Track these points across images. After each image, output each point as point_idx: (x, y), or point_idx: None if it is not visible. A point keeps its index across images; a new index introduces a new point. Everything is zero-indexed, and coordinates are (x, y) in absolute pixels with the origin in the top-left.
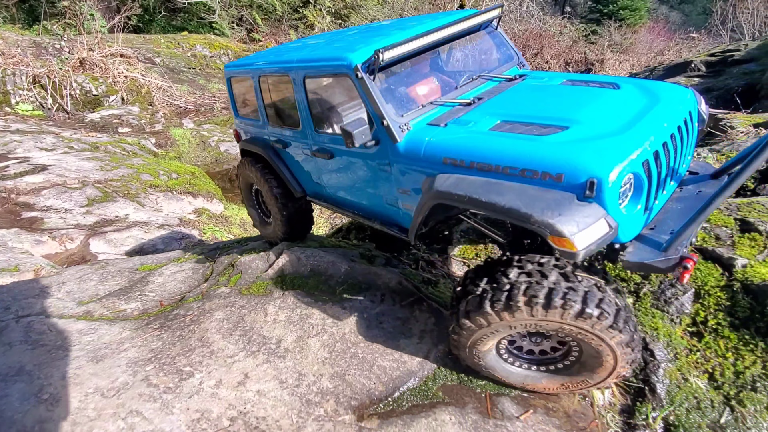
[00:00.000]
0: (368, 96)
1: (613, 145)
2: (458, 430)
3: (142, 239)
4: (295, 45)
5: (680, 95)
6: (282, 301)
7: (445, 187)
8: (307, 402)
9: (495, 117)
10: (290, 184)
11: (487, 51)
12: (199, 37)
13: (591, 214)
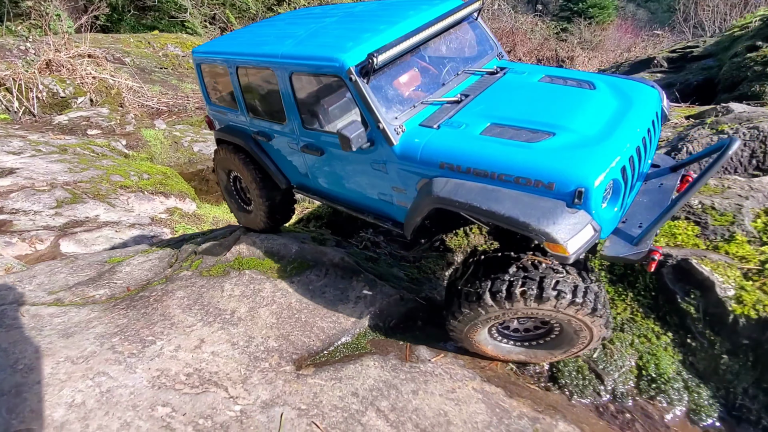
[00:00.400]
0: (363, 99)
1: (596, 154)
2: (380, 371)
3: (113, 238)
4: (272, 29)
5: (649, 96)
6: (238, 279)
7: (444, 193)
8: (254, 358)
9: (485, 119)
10: (274, 175)
11: (467, 41)
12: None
13: (580, 221)
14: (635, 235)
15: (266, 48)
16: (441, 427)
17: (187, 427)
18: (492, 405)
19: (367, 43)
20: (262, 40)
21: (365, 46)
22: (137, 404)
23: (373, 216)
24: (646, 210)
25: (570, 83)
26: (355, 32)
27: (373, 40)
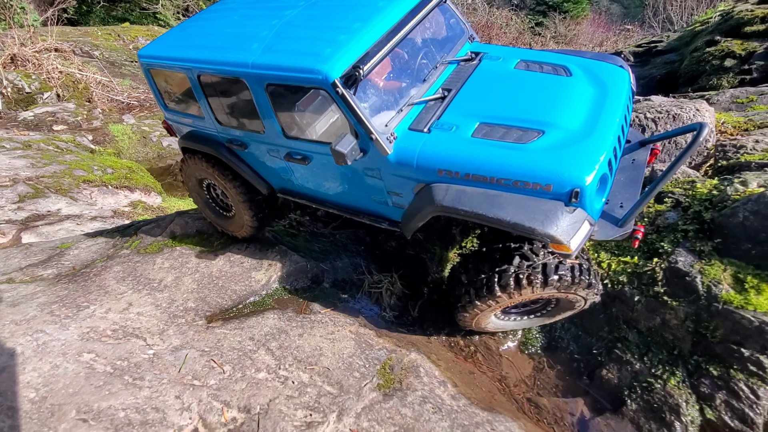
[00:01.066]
0: (353, 112)
1: (585, 153)
2: (276, 321)
3: (74, 231)
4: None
5: (620, 79)
6: (169, 254)
7: (448, 202)
8: (173, 316)
9: (473, 118)
10: (255, 182)
11: (438, 25)
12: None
13: (578, 219)
14: (618, 215)
15: (232, 55)
16: (314, 357)
17: (107, 366)
18: (360, 342)
19: (345, 49)
20: (220, 42)
21: (345, 52)
22: (66, 352)
23: (368, 218)
24: (624, 188)
25: (546, 69)
26: (329, 32)
27: (352, 44)
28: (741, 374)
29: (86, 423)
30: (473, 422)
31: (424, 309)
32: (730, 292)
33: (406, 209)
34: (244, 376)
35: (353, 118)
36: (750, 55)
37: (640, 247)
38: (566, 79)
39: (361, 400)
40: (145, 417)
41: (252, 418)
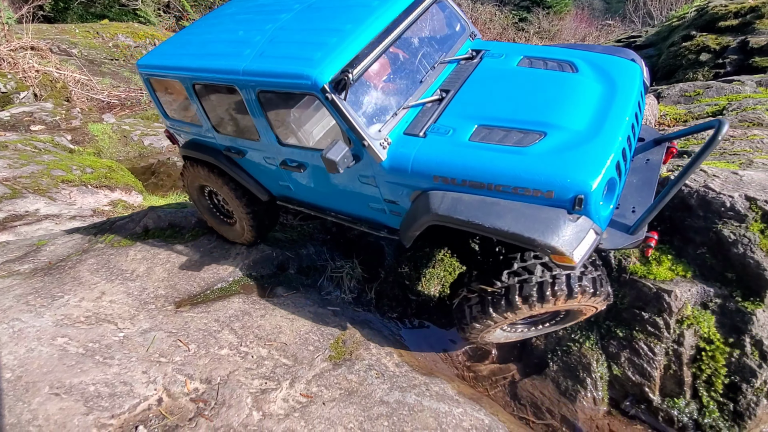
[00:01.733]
0: (343, 118)
1: (590, 155)
2: (241, 304)
3: (53, 230)
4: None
5: (631, 74)
6: (142, 247)
7: (444, 210)
8: (144, 302)
9: (471, 121)
10: (254, 190)
11: (437, 23)
12: (121, 26)
13: (582, 228)
14: (629, 221)
15: (224, 62)
16: (274, 335)
17: (79, 348)
18: (318, 321)
19: (336, 52)
20: (215, 48)
21: (335, 56)
22: (41, 337)
23: (367, 226)
24: (637, 191)
25: (551, 65)
26: (320, 35)
27: (343, 46)
28: (641, 335)
29: (58, 396)
30: (411, 384)
31: (380, 290)
32: (637, 264)
33: (404, 217)
34: (207, 353)
35: (344, 123)
36: (724, 49)
37: None
38: (572, 75)
39: (312, 369)
40: (113, 390)
41: (212, 388)
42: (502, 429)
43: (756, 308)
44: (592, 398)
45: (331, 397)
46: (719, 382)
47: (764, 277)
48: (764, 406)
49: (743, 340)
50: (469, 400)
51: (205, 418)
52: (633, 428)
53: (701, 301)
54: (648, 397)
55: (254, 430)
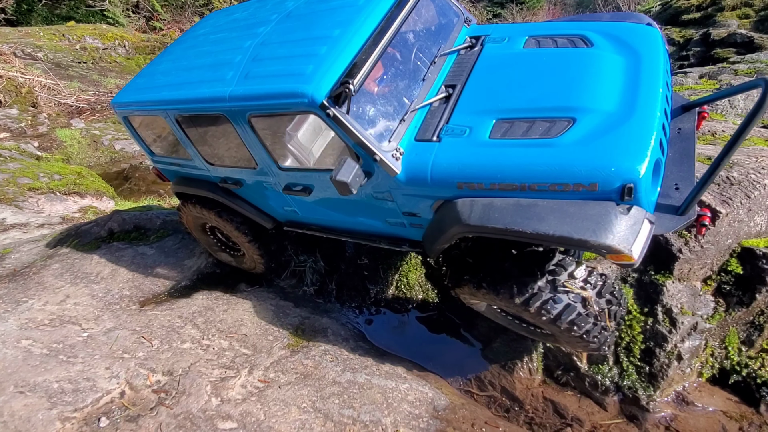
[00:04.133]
0: (349, 133)
1: (632, 137)
2: (204, 300)
3: (21, 239)
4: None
5: (653, 40)
6: (107, 250)
7: (476, 219)
8: (108, 303)
9: (488, 116)
10: (258, 219)
11: (428, 13)
12: (88, 27)
13: (636, 219)
14: (676, 201)
15: (207, 89)
16: (235, 327)
17: (43, 349)
18: (279, 312)
19: (329, 62)
20: (194, 76)
21: (329, 67)
22: (5, 340)
23: (386, 242)
24: (676, 165)
25: (561, 43)
26: (307, 46)
27: (335, 55)
28: None
29: (23, 394)
30: (363, 365)
31: (341, 282)
32: None
33: (427, 228)
34: (170, 348)
35: (350, 139)
36: (688, 42)
37: None
38: (588, 50)
39: (271, 357)
40: (77, 386)
41: (174, 379)
42: (443, 400)
43: (666, 280)
44: (528, 369)
45: (287, 381)
46: (636, 348)
47: (672, 252)
48: (675, 368)
49: (656, 309)
50: (416, 377)
51: (165, 406)
52: (564, 394)
53: (621, 276)
54: (576, 365)
55: (212, 414)
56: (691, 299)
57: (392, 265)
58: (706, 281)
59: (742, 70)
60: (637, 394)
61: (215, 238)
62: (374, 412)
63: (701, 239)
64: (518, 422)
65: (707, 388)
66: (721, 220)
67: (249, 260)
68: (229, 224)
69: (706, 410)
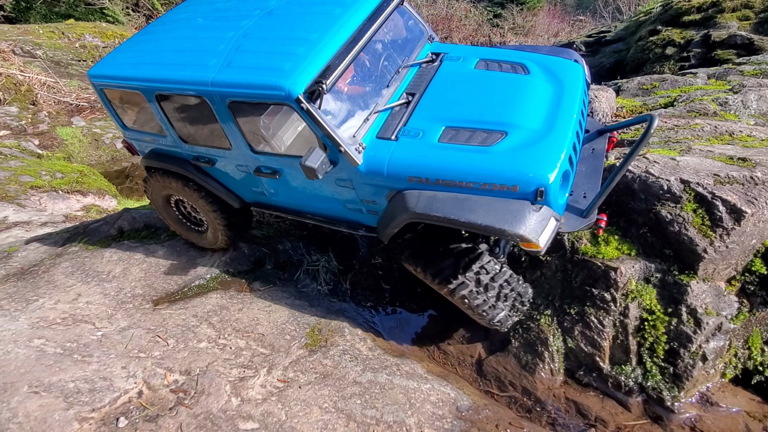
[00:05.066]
0: (319, 126)
1: (546, 152)
2: (218, 299)
3: (23, 237)
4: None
5: (576, 74)
6: (117, 248)
7: (421, 208)
8: (121, 302)
9: (439, 123)
10: (225, 197)
11: (397, 28)
12: (87, 25)
13: (544, 216)
14: (582, 206)
15: (190, 72)
16: (251, 326)
17: (57, 348)
18: (295, 312)
19: (306, 62)
20: (177, 58)
21: (306, 66)
22: (17, 339)
23: (345, 226)
24: (586, 178)
25: (505, 68)
26: (287, 45)
27: (312, 56)
28: (592, 309)
29: (38, 394)
30: (383, 365)
31: (355, 281)
32: (587, 245)
33: (381, 215)
34: (186, 347)
35: (320, 131)
36: (688, 43)
37: None
38: (524, 77)
39: (289, 357)
40: (93, 385)
41: (192, 379)
42: (466, 400)
43: (690, 280)
44: (549, 370)
45: (306, 380)
46: (660, 348)
47: (697, 252)
48: (700, 368)
49: (680, 310)
50: (437, 377)
51: (185, 406)
52: (586, 395)
53: (644, 276)
54: (599, 365)
55: (233, 414)
56: (715, 299)
57: None
58: (730, 281)
59: (748, 71)
60: (661, 394)
61: (178, 211)
62: (397, 413)
63: (727, 239)
64: (541, 423)
65: (730, 389)
66: (746, 220)
67: (212, 235)
68: (195, 193)
69: (729, 411)
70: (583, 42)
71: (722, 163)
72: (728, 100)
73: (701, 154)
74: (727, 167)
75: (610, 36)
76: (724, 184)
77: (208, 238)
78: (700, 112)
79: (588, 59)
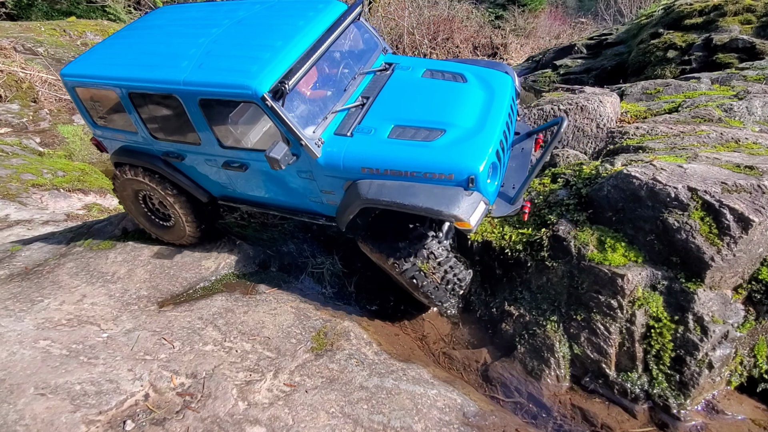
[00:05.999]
0: (282, 122)
1: (477, 144)
2: (224, 302)
3: (25, 236)
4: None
5: (505, 84)
6: (122, 249)
7: (372, 195)
8: (126, 303)
9: (388, 122)
10: (194, 192)
11: (355, 40)
12: (89, 23)
13: (475, 200)
14: (511, 195)
15: (163, 72)
16: (257, 329)
17: (62, 350)
18: (300, 315)
19: (271, 66)
20: (151, 60)
21: (271, 68)
22: (23, 341)
23: (307, 216)
24: (515, 172)
25: (447, 77)
26: (255, 50)
27: (276, 61)
28: (598, 316)
29: (44, 396)
30: (389, 370)
31: (360, 284)
32: (594, 252)
33: (339, 205)
34: (192, 349)
35: (283, 127)
36: (690, 47)
37: (534, 220)
38: (463, 84)
39: (295, 360)
40: (99, 388)
41: (198, 382)
42: (472, 406)
43: (697, 288)
44: (555, 376)
45: (313, 385)
46: (667, 355)
47: (704, 260)
48: (706, 376)
49: (687, 317)
50: (443, 382)
51: (191, 410)
52: (592, 401)
53: (650, 284)
54: (605, 372)
55: (240, 418)
56: (722, 307)
57: None
58: (736, 289)
59: (751, 76)
60: (667, 402)
61: (146, 206)
62: (404, 418)
63: (734, 248)
64: (547, 429)
65: (735, 397)
66: (754, 228)
67: (178, 231)
68: (168, 194)
69: (735, 419)
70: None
71: (729, 171)
72: (733, 107)
73: (708, 161)
74: (734, 175)
75: (612, 38)
76: (731, 193)
77: (175, 232)
78: (705, 118)
79: (590, 61)
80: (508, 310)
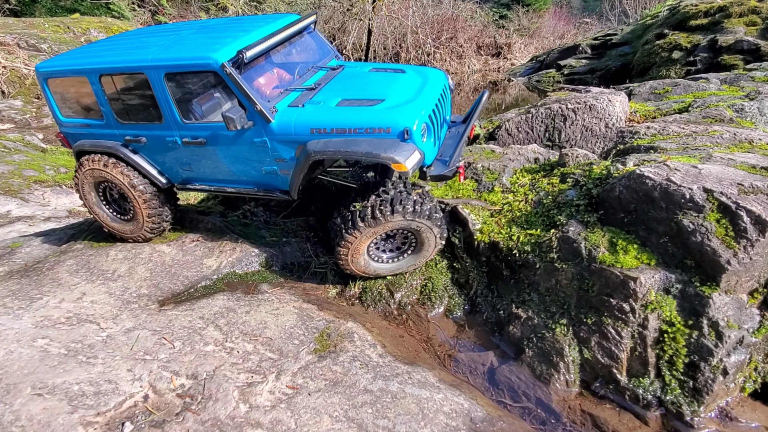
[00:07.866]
0: (239, 88)
1: (412, 108)
2: (225, 301)
3: (26, 232)
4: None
5: (439, 75)
6: (123, 247)
7: (318, 148)
8: (126, 302)
9: (336, 97)
10: (154, 177)
11: (310, 48)
12: (93, 20)
13: (410, 149)
14: (448, 159)
15: (133, 55)
16: (259, 330)
17: (61, 349)
18: (302, 315)
19: (232, 45)
20: (122, 50)
21: (231, 46)
22: (21, 339)
23: (262, 190)
24: (451, 147)
25: (389, 71)
26: (217, 38)
27: (237, 42)
28: (609, 320)
29: (41, 397)
30: (394, 373)
31: (364, 284)
32: (605, 254)
33: (292, 173)
34: (193, 350)
35: (240, 93)
36: (695, 48)
37: (542, 220)
38: (401, 75)
39: (298, 362)
40: (98, 388)
41: (199, 383)
42: (480, 411)
43: (712, 292)
44: (564, 381)
45: (316, 387)
46: (680, 361)
47: (720, 263)
48: (720, 383)
49: (701, 322)
50: (449, 386)
51: (192, 412)
52: (602, 407)
53: (664, 287)
54: (616, 377)
55: (241, 421)
56: (737, 312)
57: (417, 269)
58: (752, 294)
59: (759, 77)
60: (681, 409)
61: (104, 199)
62: (410, 423)
63: (751, 251)
64: None
65: (749, 403)
66: None
67: (135, 225)
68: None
69: (749, 426)
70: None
71: (745, 172)
72: (744, 107)
73: (723, 162)
74: (750, 176)
75: (616, 39)
76: (748, 194)
77: (133, 225)
78: (716, 119)
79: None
80: (515, 313)
